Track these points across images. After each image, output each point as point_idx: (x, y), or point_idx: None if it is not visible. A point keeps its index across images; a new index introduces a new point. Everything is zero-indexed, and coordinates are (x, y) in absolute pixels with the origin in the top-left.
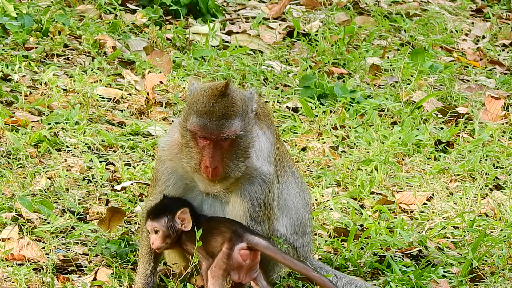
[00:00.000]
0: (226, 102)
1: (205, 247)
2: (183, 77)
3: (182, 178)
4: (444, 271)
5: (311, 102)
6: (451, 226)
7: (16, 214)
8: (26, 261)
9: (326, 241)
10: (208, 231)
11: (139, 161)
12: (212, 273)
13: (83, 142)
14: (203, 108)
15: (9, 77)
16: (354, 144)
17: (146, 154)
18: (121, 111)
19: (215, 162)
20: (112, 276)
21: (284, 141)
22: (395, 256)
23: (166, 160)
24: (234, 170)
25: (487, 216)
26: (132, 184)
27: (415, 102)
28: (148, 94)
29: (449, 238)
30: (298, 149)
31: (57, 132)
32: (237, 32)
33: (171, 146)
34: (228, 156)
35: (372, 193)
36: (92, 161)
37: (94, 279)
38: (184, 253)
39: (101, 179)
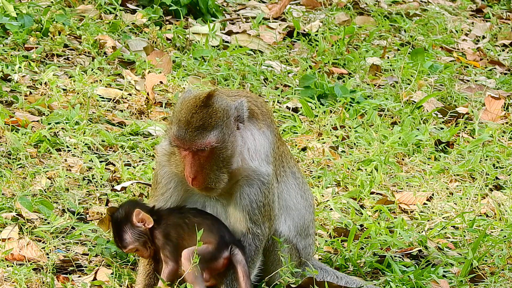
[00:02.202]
0: (205, 113)
1: (188, 242)
2: (183, 77)
3: (183, 182)
4: (444, 271)
5: (311, 102)
6: (451, 226)
7: (16, 214)
8: (26, 261)
9: (326, 241)
10: (193, 226)
11: (139, 161)
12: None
13: (83, 142)
14: (182, 118)
15: (9, 77)
16: (354, 144)
17: (146, 154)
18: (121, 111)
19: (194, 172)
20: (112, 276)
21: (283, 140)
22: (395, 256)
23: (165, 165)
24: (215, 181)
25: (487, 216)
26: (132, 184)
27: (415, 102)
28: (148, 94)
29: (449, 238)
30: (298, 149)
31: (57, 132)
32: (237, 32)
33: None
34: (208, 167)
35: (372, 193)
36: (92, 161)
37: (94, 279)
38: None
39: (101, 179)
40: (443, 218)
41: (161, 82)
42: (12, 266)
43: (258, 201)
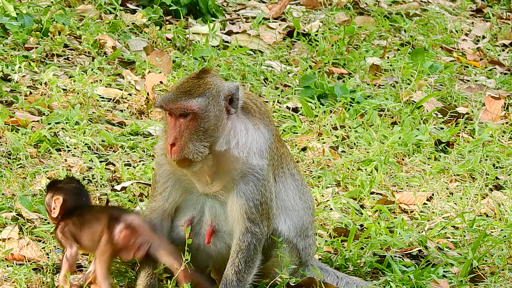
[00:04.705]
0: (195, 82)
1: (86, 238)
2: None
3: (180, 181)
4: (444, 271)
5: (311, 102)
6: (451, 226)
7: (16, 214)
8: (26, 261)
9: (326, 241)
10: (87, 221)
11: (139, 161)
12: (98, 260)
13: (83, 142)
14: (175, 86)
15: (9, 77)
16: (354, 144)
17: (146, 154)
18: (121, 111)
19: (173, 139)
20: (112, 276)
21: (284, 141)
22: (395, 256)
23: (163, 164)
24: (193, 152)
25: (487, 216)
26: (132, 184)
27: (415, 102)
28: (148, 94)
29: (449, 238)
30: (298, 149)
31: (57, 132)
32: (237, 32)
33: None
34: (187, 135)
35: (372, 193)
36: (92, 161)
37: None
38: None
39: (101, 179)
40: (443, 218)
41: (161, 82)
42: (12, 266)
43: (255, 199)
